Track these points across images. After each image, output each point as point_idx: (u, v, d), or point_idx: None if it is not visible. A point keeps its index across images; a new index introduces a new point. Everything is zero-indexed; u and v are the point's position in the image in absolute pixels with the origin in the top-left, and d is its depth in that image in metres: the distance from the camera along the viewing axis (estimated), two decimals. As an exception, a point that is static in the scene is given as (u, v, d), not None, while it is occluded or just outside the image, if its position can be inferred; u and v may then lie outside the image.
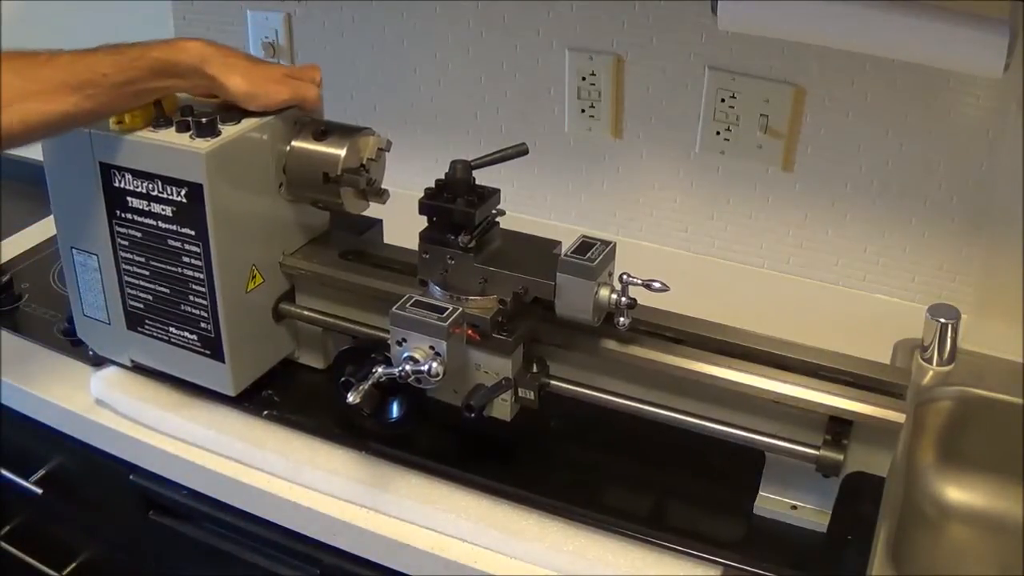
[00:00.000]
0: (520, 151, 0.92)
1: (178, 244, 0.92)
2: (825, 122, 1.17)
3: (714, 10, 1.00)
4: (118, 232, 0.95)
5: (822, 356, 0.86)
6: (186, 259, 0.92)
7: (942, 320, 1.04)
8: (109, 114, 0.89)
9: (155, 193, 0.90)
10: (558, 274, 0.84)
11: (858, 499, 0.85)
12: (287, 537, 0.97)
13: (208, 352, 0.96)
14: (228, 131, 0.90)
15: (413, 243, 0.92)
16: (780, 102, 1.17)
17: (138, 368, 1.03)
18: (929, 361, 1.06)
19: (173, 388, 1.02)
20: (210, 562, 1.06)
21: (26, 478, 1.15)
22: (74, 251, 0.99)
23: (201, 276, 0.92)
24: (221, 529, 1.02)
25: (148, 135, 0.90)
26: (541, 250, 0.91)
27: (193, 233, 0.90)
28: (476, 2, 1.30)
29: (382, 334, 0.91)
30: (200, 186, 0.88)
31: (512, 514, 0.88)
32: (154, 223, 0.92)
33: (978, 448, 1.03)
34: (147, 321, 0.98)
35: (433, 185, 0.89)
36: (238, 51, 0.93)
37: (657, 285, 0.82)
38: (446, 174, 0.89)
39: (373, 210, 1.01)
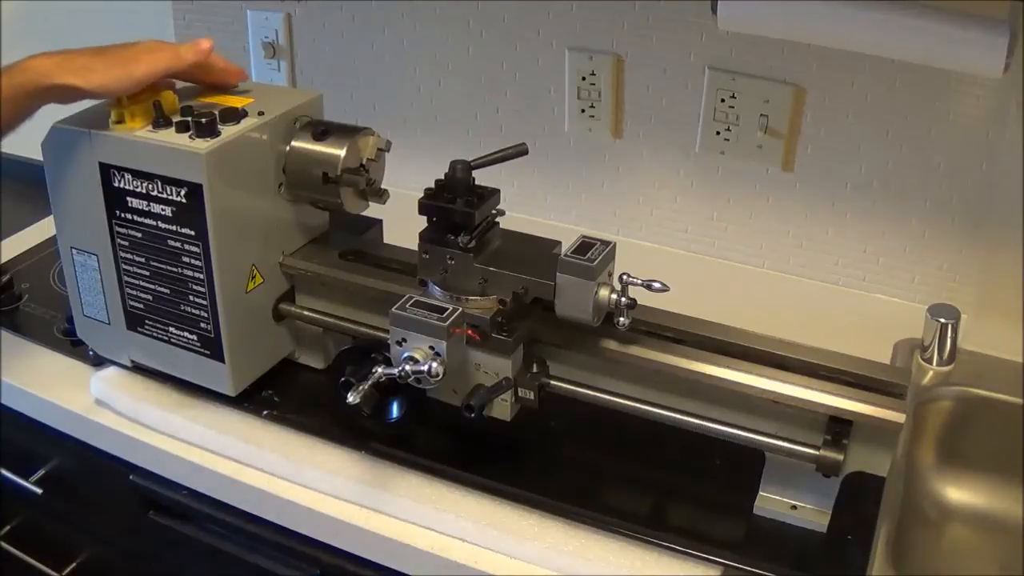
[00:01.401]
0: (520, 151, 0.92)
1: (178, 244, 0.92)
2: (825, 122, 1.17)
3: (714, 10, 1.00)
4: (118, 232, 0.95)
5: (822, 356, 0.86)
6: (186, 259, 0.92)
7: (942, 320, 1.04)
8: None
9: (155, 193, 0.90)
10: (558, 274, 0.84)
11: (858, 499, 0.85)
12: (287, 537, 0.96)
13: (208, 352, 0.96)
14: (228, 131, 0.90)
15: (413, 243, 0.92)
16: (780, 102, 1.17)
17: (138, 368, 1.03)
18: (929, 361, 1.06)
19: (173, 388, 1.02)
20: (210, 562, 1.06)
21: (26, 478, 1.15)
22: (74, 251, 0.99)
23: (201, 276, 0.92)
24: (221, 529, 1.02)
25: (148, 135, 0.90)
26: (541, 250, 0.91)
27: (193, 233, 0.90)
28: (476, 2, 1.30)
29: (382, 334, 0.91)
30: (200, 186, 0.88)
31: (512, 514, 0.88)
32: (154, 223, 0.92)
33: (978, 448, 1.03)
34: (147, 321, 0.98)
35: (433, 185, 0.89)
36: (81, 49, 0.89)
37: (657, 285, 0.82)
38: (446, 174, 0.89)
39: (373, 210, 1.01)
